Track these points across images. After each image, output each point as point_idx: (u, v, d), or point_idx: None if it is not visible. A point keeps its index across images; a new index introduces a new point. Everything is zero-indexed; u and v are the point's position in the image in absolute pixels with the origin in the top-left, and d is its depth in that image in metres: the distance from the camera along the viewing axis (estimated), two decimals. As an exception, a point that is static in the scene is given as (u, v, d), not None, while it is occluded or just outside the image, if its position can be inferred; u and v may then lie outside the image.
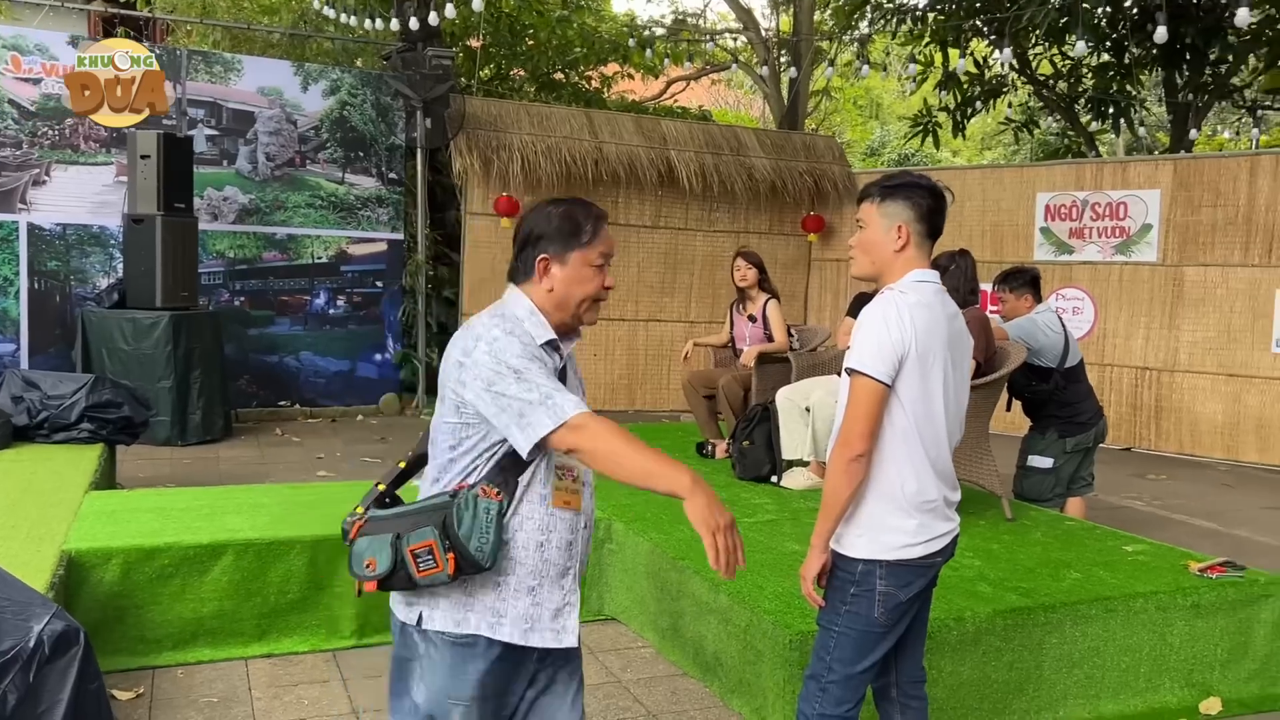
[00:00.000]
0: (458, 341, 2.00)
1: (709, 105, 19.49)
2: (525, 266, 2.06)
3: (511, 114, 9.87)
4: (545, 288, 2.06)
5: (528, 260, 2.05)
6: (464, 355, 1.95)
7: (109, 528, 3.88)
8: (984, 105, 12.75)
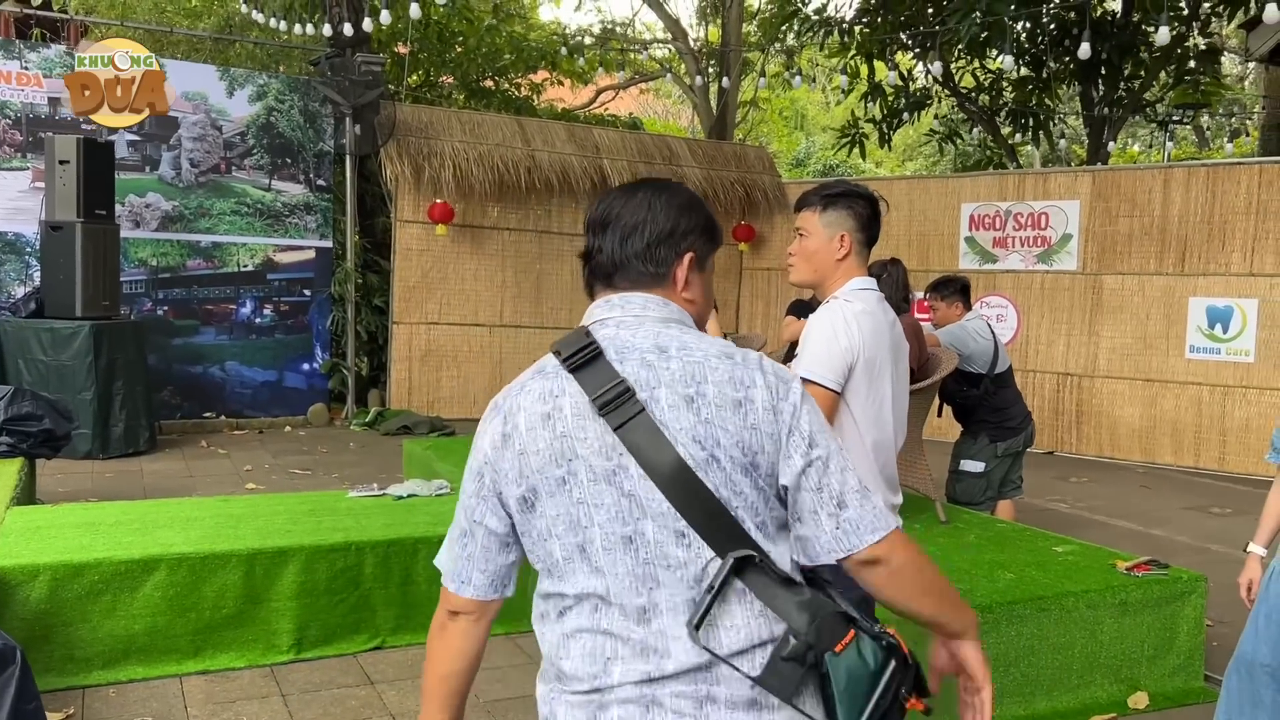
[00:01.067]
0: (727, 371, 1.40)
1: (638, 114, 19.58)
2: (655, 265, 1.50)
3: (442, 121, 9.80)
4: (686, 297, 1.54)
5: (663, 257, 1.51)
6: (776, 397, 1.41)
7: (34, 544, 3.75)
8: (910, 117, 13.02)
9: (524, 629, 4.31)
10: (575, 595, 1.41)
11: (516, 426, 1.41)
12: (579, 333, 1.46)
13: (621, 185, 1.60)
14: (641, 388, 1.38)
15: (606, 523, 1.37)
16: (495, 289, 9.88)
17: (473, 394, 9.81)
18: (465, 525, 1.47)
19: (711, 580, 1.35)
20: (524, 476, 1.40)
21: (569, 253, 10.12)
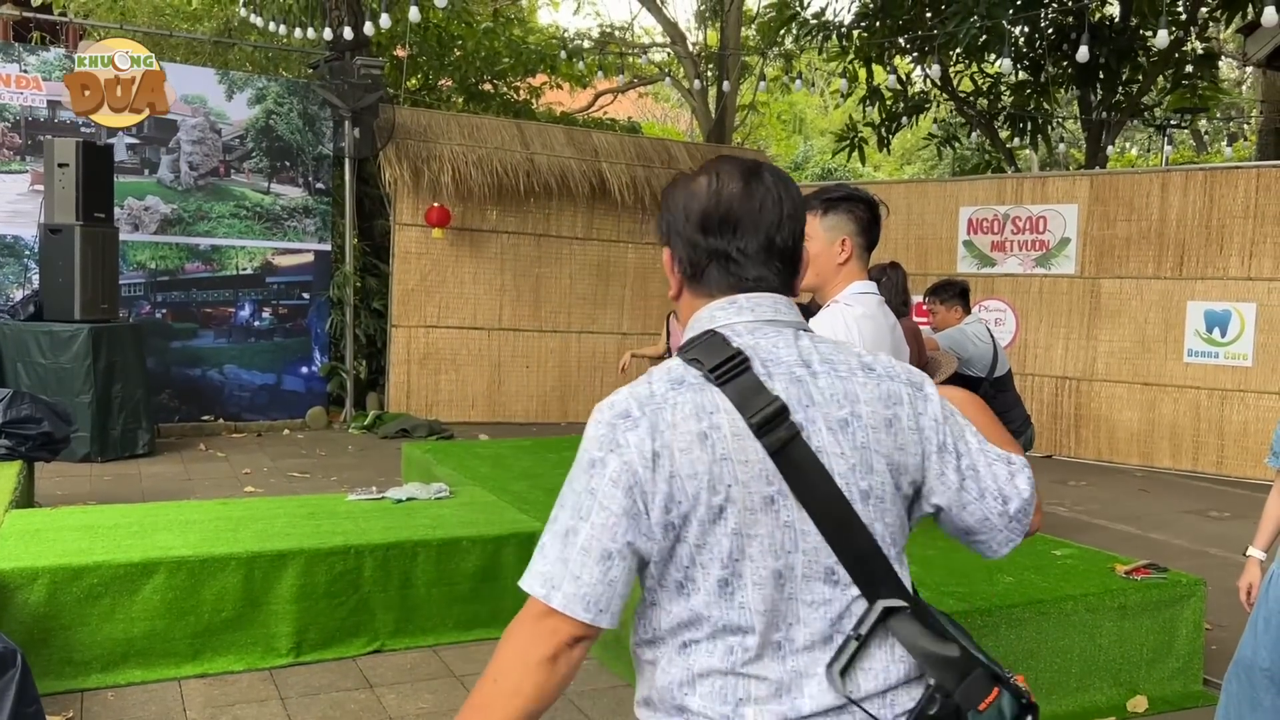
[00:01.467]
0: (874, 387, 1.35)
1: (636, 118, 19.59)
2: (788, 265, 1.43)
3: (441, 124, 9.81)
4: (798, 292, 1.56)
5: (796, 255, 1.44)
6: (916, 410, 1.37)
7: (33, 547, 3.75)
8: (908, 121, 13.04)
9: (523, 632, 4.31)
10: (710, 631, 1.29)
11: (668, 445, 1.26)
12: (716, 340, 1.33)
13: (716, 171, 1.41)
14: (795, 407, 1.29)
15: (758, 555, 1.28)
16: (494, 292, 9.88)
17: (471, 397, 9.81)
18: (609, 546, 1.25)
19: (859, 627, 1.30)
20: (675, 502, 1.26)
21: (567, 256, 10.12)
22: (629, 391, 1.32)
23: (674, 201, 1.42)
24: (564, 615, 1.25)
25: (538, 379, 10.09)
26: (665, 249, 1.45)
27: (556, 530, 1.29)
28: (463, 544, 4.22)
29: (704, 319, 1.38)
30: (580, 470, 1.29)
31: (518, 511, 4.70)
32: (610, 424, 1.29)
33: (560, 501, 1.31)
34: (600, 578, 1.25)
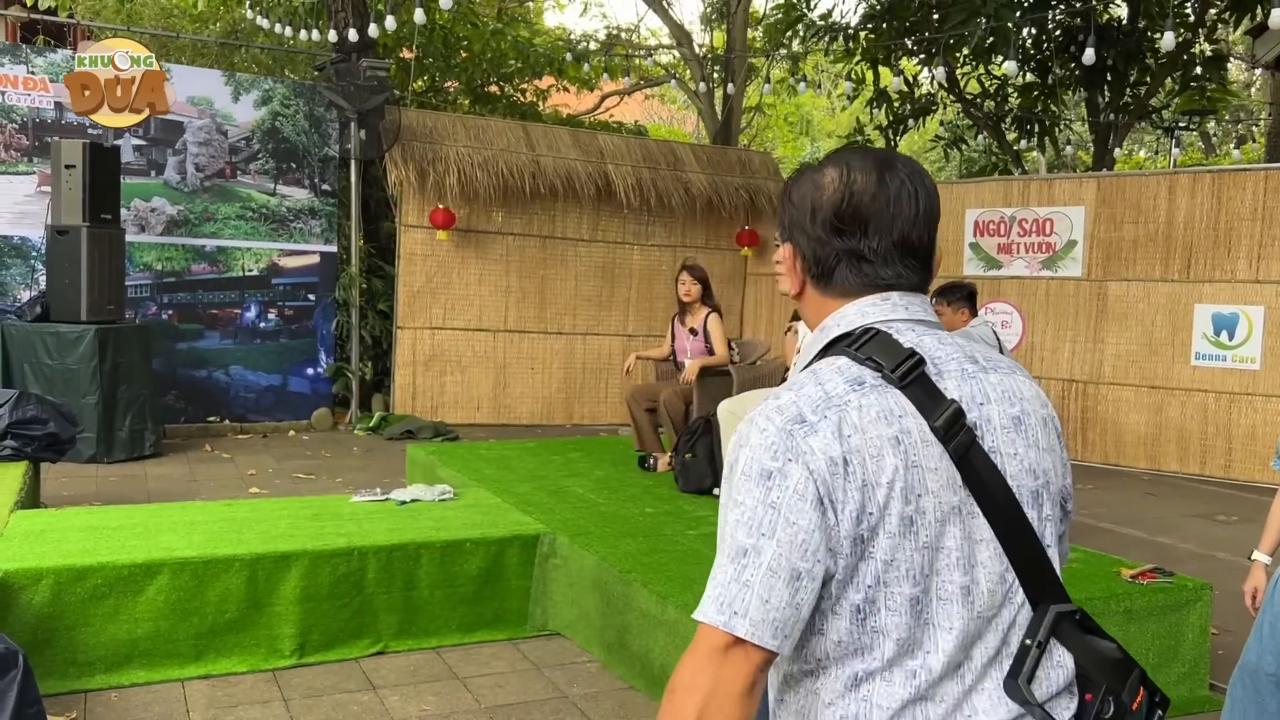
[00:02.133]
0: (1029, 385, 1.33)
1: (642, 120, 19.59)
2: (929, 262, 1.36)
3: (447, 126, 9.81)
4: None
5: (932, 252, 1.37)
6: (1049, 408, 1.36)
7: (38, 547, 3.76)
8: (915, 123, 13.02)
9: (526, 635, 4.31)
10: (891, 656, 1.20)
11: (858, 451, 1.16)
12: (884, 338, 1.24)
13: (845, 164, 1.32)
14: (969, 406, 1.23)
15: (946, 570, 1.20)
16: (499, 294, 9.88)
17: (476, 399, 9.81)
18: (798, 566, 1.14)
19: (1034, 635, 1.23)
20: (866, 514, 1.16)
21: (573, 258, 10.13)
22: (793, 395, 1.21)
23: (798, 196, 1.33)
24: (751, 644, 1.14)
25: (543, 381, 10.09)
26: (786, 245, 1.35)
27: (728, 551, 1.17)
28: (466, 546, 4.22)
29: (852, 316, 1.28)
30: (751, 483, 1.17)
31: (521, 514, 4.70)
32: (785, 430, 1.17)
33: (728, 519, 1.19)
34: (789, 600, 1.14)
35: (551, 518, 4.64)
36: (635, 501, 5.17)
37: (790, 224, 1.34)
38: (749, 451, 1.18)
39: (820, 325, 1.32)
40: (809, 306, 1.36)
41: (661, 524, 4.74)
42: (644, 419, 6.30)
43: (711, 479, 5.40)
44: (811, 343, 1.33)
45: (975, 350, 1.31)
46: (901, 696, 1.20)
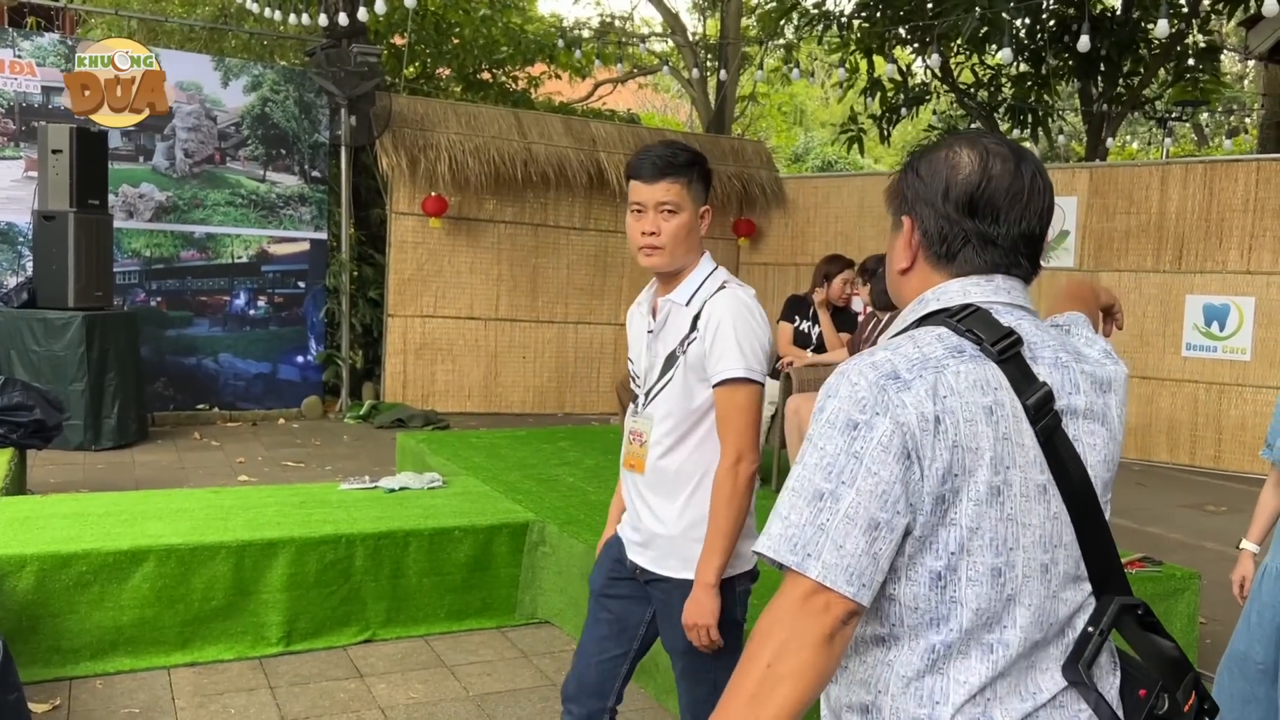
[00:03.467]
0: (1116, 373, 1.36)
1: (635, 109, 19.54)
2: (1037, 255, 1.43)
3: (439, 113, 9.76)
4: None
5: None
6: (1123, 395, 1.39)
7: (22, 534, 3.73)
8: (908, 113, 12.99)
9: (515, 623, 4.30)
10: (970, 627, 1.20)
11: (951, 411, 1.17)
12: (983, 315, 1.25)
13: (984, 148, 1.31)
14: (1059, 394, 1.24)
15: (1030, 547, 1.20)
16: (490, 282, 9.85)
17: (467, 388, 9.78)
18: (877, 516, 1.15)
19: (1097, 622, 1.25)
20: (952, 474, 1.17)
21: (565, 247, 10.09)
22: (889, 354, 1.21)
23: (928, 171, 1.32)
24: (832, 591, 1.14)
25: (534, 370, 10.06)
26: (905, 218, 1.35)
27: (804, 493, 1.17)
28: (454, 534, 4.20)
29: (954, 292, 1.29)
30: (836, 431, 1.17)
31: (511, 501, 4.68)
32: (877, 384, 1.17)
33: (806, 462, 1.18)
34: (865, 549, 1.15)
35: (541, 506, 4.62)
36: (625, 490, 5.15)
37: (915, 198, 1.33)
38: (836, 402, 1.19)
39: (919, 298, 1.33)
40: (913, 283, 1.35)
41: (651, 512, 4.72)
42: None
43: (702, 467, 5.38)
44: (909, 312, 1.33)
45: (1071, 342, 1.33)
46: (982, 673, 1.20)
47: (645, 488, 2.29)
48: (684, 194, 2.21)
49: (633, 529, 2.34)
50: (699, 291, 2.23)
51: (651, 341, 2.30)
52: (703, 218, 2.26)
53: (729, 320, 2.16)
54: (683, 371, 2.20)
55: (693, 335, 2.19)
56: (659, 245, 2.22)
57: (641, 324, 2.37)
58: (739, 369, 2.14)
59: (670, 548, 2.25)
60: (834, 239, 10.32)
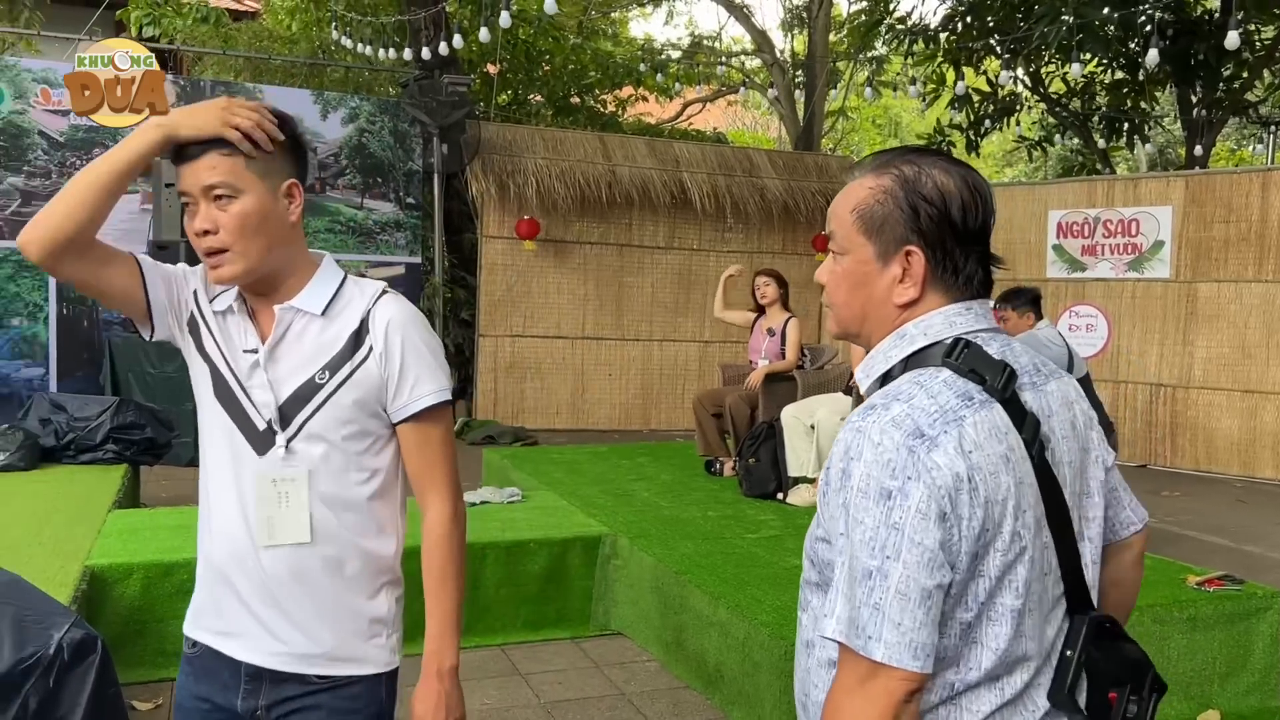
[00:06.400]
0: (1071, 389, 1.36)
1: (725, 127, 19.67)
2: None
3: (526, 138, 10.04)
4: None
5: None
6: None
7: (131, 544, 4.01)
8: (996, 124, 12.81)
9: (589, 633, 4.43)
10: (990, 667, 1.21)
11: (979, 468, 1.16)
12: (976, 350, 1.23)
13: (942, 163, 1.30)
14: (1042, 420, 1.24)
15: (1036, 580, 1.21)
16: (577, 302, 10.06)
17: (555, 405, 10.00)
18: (926, 585, 1.13)
19: (1075, 645, 1.26)
20: (985, 530, 1.16)
21: (649, 266, 10.25)
22: (905, 407, 1.19)
23: (932, 193, 1.26)
24: (892, 669, 1.13)
25: (620, 387, 10.22)
26: (912, 248, 1.27)
27: (855, 572, 1.16)
28: (530, 546, 4.35)
29: (939, 325, 1.26)
30: (869, 502, 1.15)
31: (585, 516, 4.82)
32: (904, 446, 1.15)
33: (851, 537, 1.17)
34: (924, 620, 1.13)
35: (614, 520, 4.75)
36: (698, 505, 5.25)
37: (924, 224, 1.26)
38: (863, 467, 1.16)
39: (899, 331, 1.28)
40: (913, 314, 1.29)
41: (722, 527, 4.81)
42: (709, 423, 6.37)
43: (775, 483, 5.45)
44: (889, 348, 1.29)
45: (1035, 358, 1.32)
46: (992, 701, 1.22)
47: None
48: (237, 169, 1.60)
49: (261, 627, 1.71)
50: (339, 298, 1.69)
51: (258, 365, 1.66)
52: (292, 196, 1.67)
53: (415, 333, 1.68)
54: (344, 404, 1.64)
55: (359, 355, 1.65)
56: (220, 246, 1.60)
57: (234, 332, 1.69)
58: (443, 391, 1.70)
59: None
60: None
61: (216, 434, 1.73)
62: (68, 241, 1.60)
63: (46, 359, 8.51)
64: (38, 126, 8.48)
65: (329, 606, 1.68)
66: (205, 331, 1.71)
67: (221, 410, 1.70)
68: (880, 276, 1.29)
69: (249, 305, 1.69)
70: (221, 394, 1.70)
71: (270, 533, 1.66)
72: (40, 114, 8.49)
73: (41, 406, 5.80)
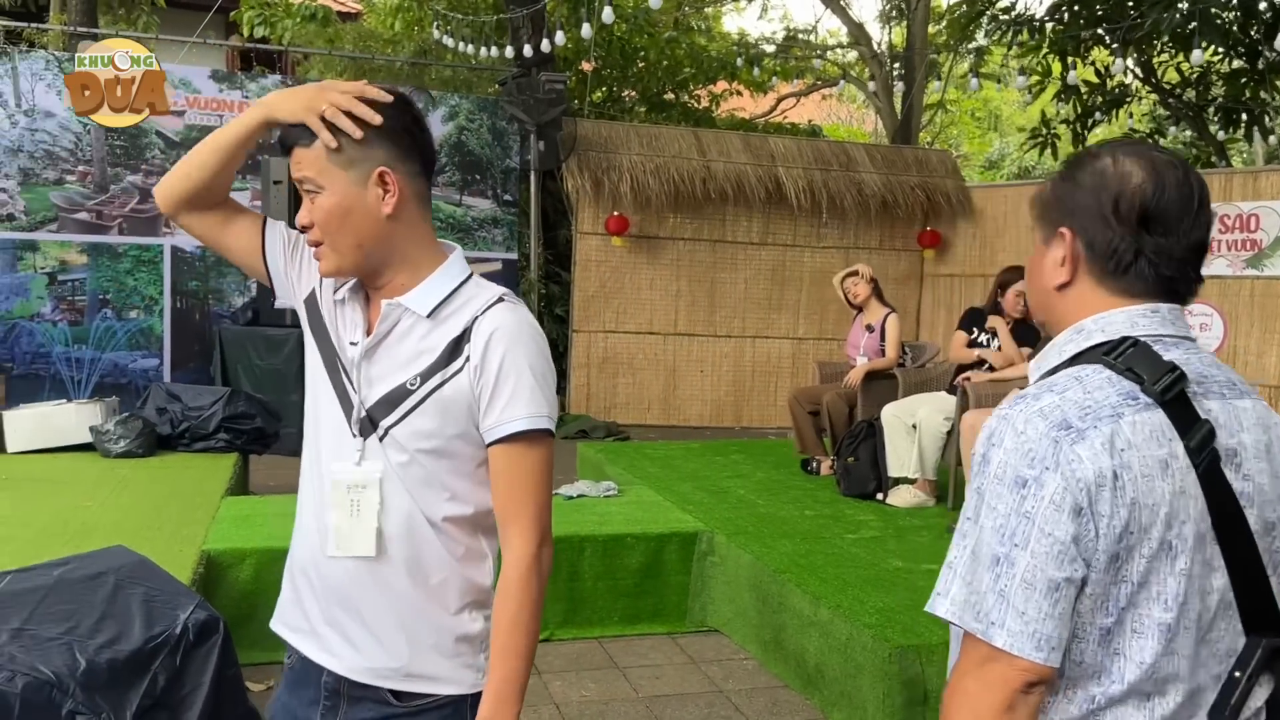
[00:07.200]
0: (1268, 413, 1.29)
1: (820, 120, 19.43)
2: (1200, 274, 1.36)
3: (621, 135, 10.08)
4: None
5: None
6: None
7: (243, 530, 4.15)
8: (1105, 116, 12.39)
9: (685, 629, 4.42)
10: (1131, 681, 1.17)
11: (1128, 466, 1.13)
12: (1145, 351, 1.20)
13: (1148, 158, 1.26)
14: (1224, 432, 1.19)
15: (1193, 597, 1.17)
16: (670, 298, 10.06)
17: (647, 400, 10.02)
18: (1057, 576, 1.12)
19: (1243, 667, 1.20)
20: (1128, 532, 1.13)
21: (743, 262, 10.19)
22: (1056, 399, 1.17)
23: (1090, 180, 1.25)
24: (1013, 658, 1.12)
25: (712, 383, 10.20)
26: (1064, 230, 1.26)
27: (980, 556, 1.15)
28: (627, 540, 4.37)
29: (1119, 324, 1.23)
30: (1004, 488, 1.14)
31: (681, 511, 4.82)
32: (1048, 436, 1.14)
33: (981, 523, 1.16)
34: (1049, 611, 1.12)
35: (710, 516, 4.74)
36: (795, 504, 5.20)
37: (1074, 207, 1.26)
38: (1003, 454, 1.15)
39: (1077, 325, 1.26)
40: (1070, 301, 1.27)
41: (821, 527, 4.76)
42: (805, 421, 6.31)
43: (875, 483, 5.37)
44: (1065, 342, 1.26)
45: (1231, 374, 1.27)
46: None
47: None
48: (318, 159, 1.54)
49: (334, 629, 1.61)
50: (452, 300, 1.58)
51: (363, 356, 1.59)
52: (385, 185, 1.54)
53: (520, 349, 1.53)
54: (429, 416, 1.54)
55: (453, 366, 1.53)
56: (315, 240, 1.59)
57: (345, 321, 1.64)
58: (539, 417, 1.53)
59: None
60: (1026, 249, 9.90)
61: (310, 424, 1.69)
62: (183, 199, 1.68)
63: (161, 350, 8.85)
64: (155, 126, 8.82)
65: (405, 618, 1.56)
66: (321, 312, 1.67)
67: (317, 399, 1.66)
68: (1045, 260, 1.30)
69: (366, 293, 1.63)
70: (319, 383, 1.66)
71: (337, 542, 1.58)
72: (157, 115, 8.81)
73: (158, 396, 6.05)
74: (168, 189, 1.69)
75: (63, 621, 2.26)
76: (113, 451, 5.61)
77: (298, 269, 1.72)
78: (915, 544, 4.54)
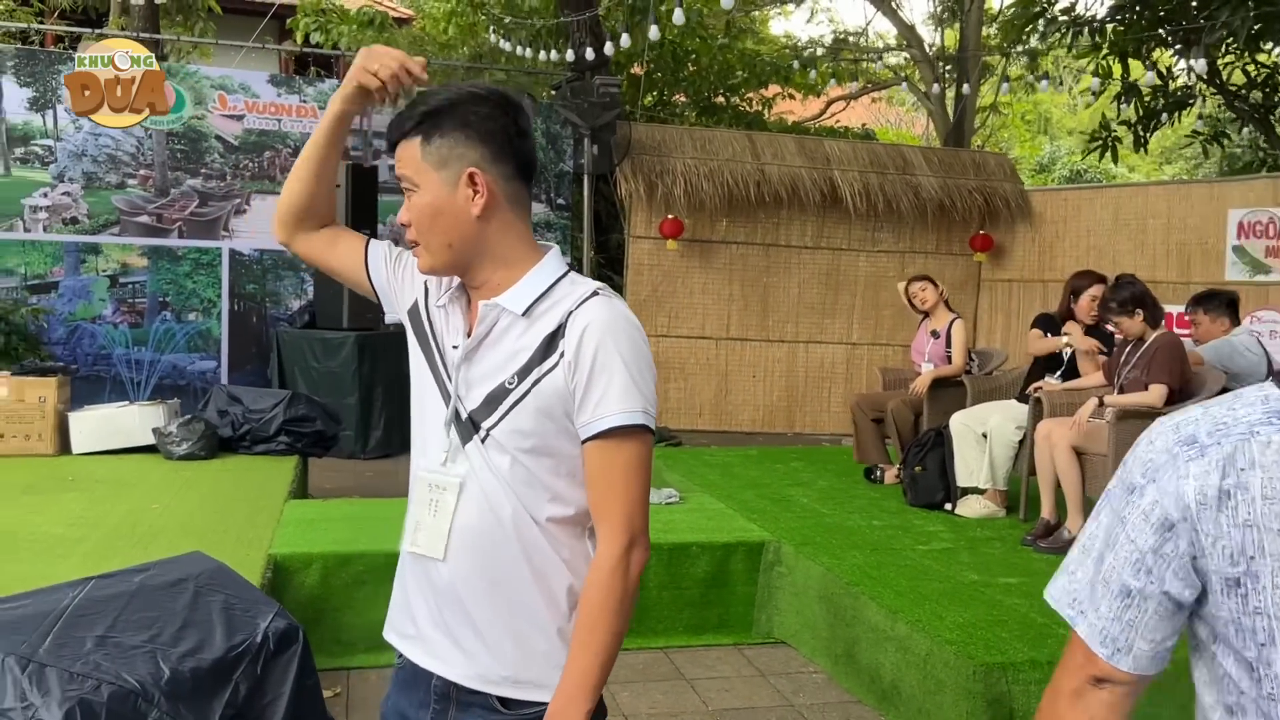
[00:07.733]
0: None
1: (870, 124, 19.24)
2: None
3: (675, 139, 10.01)
4: None
5: None
6: None
7: (309, 534, 4.14)
8: (1169, 118, 12.12)
9: (751, 641, 4.34)
10: (1256, 696, 1.13)
11: (1247, 488, 1.08)
12: None
13: None
14: None
15: None
16: (722, 302, 9.98)
17: (699, 405, 9.94)
18: (1131, 583, 1.13)
19: None
20: (1244, 555, 1.08)
21: (796, 266, 10.08)
22: (1204, 411, 1.15)
23: None
24: (1087, 647, 1.15)
25: (764, 389, 10.09)
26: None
27: (1090, 551, 1.19)
28: (692, 549, 4.30)
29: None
30: (1120, 491, 1.17)
31: (746, 520, 4.74)
32: (1168, 450, 1.13)
33: (1097, 515, 1.19)
34: (1117, 614, 1.14)
35: (776, 526, 4.65)
36: (862, 513, 5.10)
37: None
38: (1132, 460, 1.17)
39: None
40: None
41: (890, 537, 4.66)
42: (868, 428, 6.20)
43: (943, 494, 5.25)
44: None
45: None
46: None
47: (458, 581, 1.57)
48: (412, 153, 1.57)
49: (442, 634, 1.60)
50: (547, 297, 1.56)
51: (464, 358, 1.59)
52: (474, 186, 1.54)
53: (615, 343, 1.50)
54: (527, 414, 1.52)
55: (548, 362, 1.52)
56: (412, 239, 1.63)
57: (448, 327, 1.64)
58: (634, 413, 1.49)
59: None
60: (1085, 254, 9.77)
61: (416, 429, 1.70)
62: (293, 214, 1.73)
63: (219, 352, 8.93)
64: (214, 131, 8.91)
65: (512, 623, 1.54)
66: (423, 321, 1.68)
67: (423, 406, 1.67)
68: None
69: (468, 297, 1.63)
70: (425, 389, 1.66)
71: (413, 538, 1.60)
72: (217, 119, 8.90)
73: (219, 398, 6.08)
74: (279, 211, 1.74)
75: (145, 629, 2.24)
76: (175, 454, 5.64)
77: (400, 282, 1.74)
78: (989, 556, 4.42)
